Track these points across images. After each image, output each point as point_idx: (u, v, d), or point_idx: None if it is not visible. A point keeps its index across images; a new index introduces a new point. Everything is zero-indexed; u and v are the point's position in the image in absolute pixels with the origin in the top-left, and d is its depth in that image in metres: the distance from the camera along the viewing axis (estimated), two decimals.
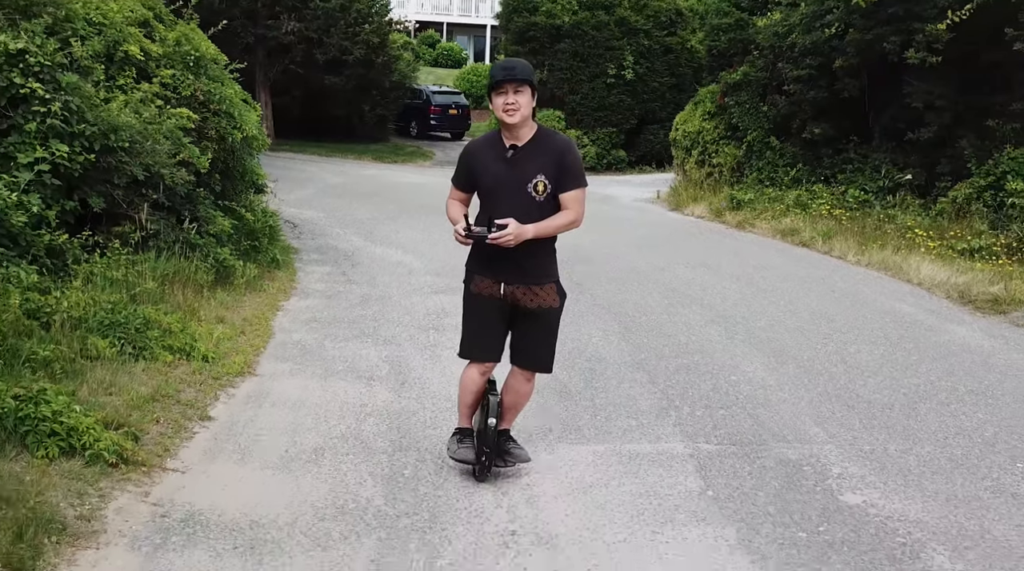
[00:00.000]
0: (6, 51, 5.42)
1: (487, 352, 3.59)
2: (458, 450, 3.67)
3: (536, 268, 3.48)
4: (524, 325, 3.55)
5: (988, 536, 3.29)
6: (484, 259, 3.50)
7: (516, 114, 3.35)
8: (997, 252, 8.39)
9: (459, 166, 3.65)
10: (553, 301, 3.52)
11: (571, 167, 3.42)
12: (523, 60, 3.59)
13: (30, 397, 3.64)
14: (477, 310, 3.58)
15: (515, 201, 3.38)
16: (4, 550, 2.75)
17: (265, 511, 3.32)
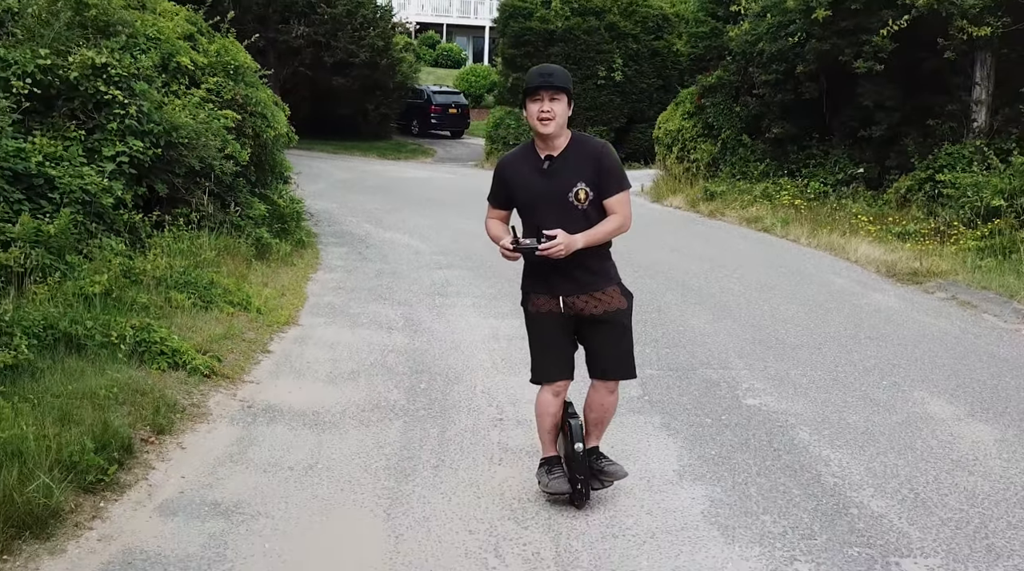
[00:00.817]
0: (92, 64, 6.68)
1: (558, 372, 3.43)
2: (550, 482, 3.44)
3: (593, 276, 3.33)
4: (594, 335, 3.39)
5: (842, 423, 4.55)
6: (538, 275, 3.35)
7: (551, 124, 3.21)
8: (927, 234, 9.66)
9: (494, 183, 3.49)
10: (620, 302, 3.37)
11: (611, 170, 3.28)
12: (560, 67, 3.40)
13: (142, 328, 4.91)
14: (540, 330, 3.42)
15: (557, 213, 3.23)
16: (151, 419, 4.02)
17: (321, 406, 4.59)
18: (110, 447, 3.57)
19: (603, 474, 3.46)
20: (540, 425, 3.53)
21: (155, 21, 8.23)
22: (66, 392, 3.94)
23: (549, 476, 3.45)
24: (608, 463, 3.49)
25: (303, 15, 21.15)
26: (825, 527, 3.38)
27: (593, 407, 3.51)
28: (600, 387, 3.47)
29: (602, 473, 3.46)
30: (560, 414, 3.48)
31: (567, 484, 3.42)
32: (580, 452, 3.36)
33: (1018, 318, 6.88)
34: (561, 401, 3.47)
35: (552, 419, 3.48)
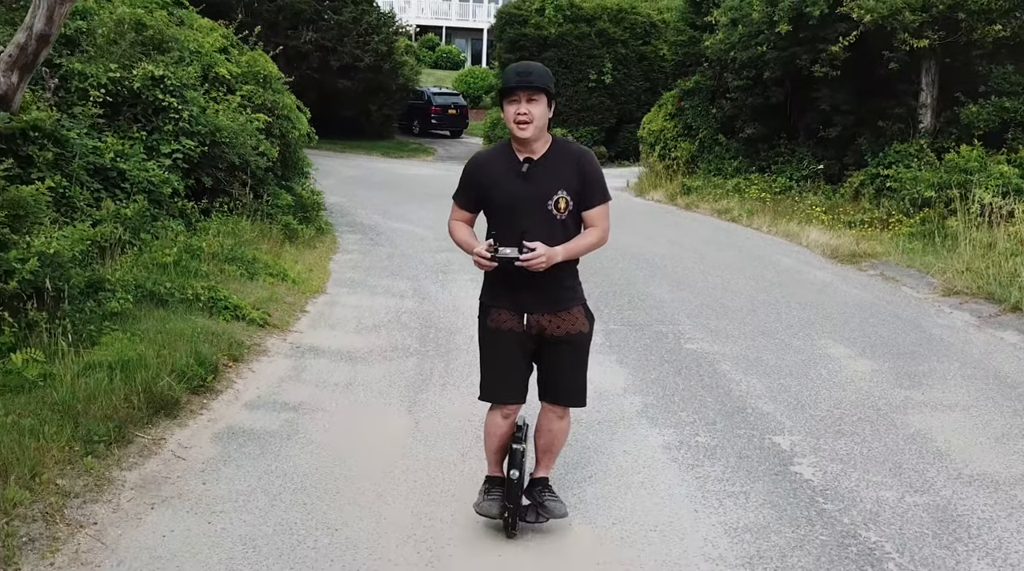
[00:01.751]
0: (152, 76, 7.98)
1: (510, 394, 3.21)
2: (482, 502, 3.27)
3: (562, 292, 3.13)
4: (552, 356, 3.19)
5: (758, 360, 5.85)
6: (502, 288, 3.13)
7: (529, 127, 3.00)
8: (871, 223, 10.96)
9: (464, 181, 3.24)
10: (583, 325, 3.17)
11: (595, 180, 3.10)
12: (540, 65, 3.16)
13: (209, 288, 6.21)
14: (496, 347, 3.18)
15: (533, 220, 3.02)
16: (227, 351, 5.31)
17: (353, 348, 5.88)
18: (204, 366, 4.87)
19: (542, 508, 3.27)
20: (487, 446, 3.32)
21: (196, 37, 9.55)
22: (164, 330, 5.23)
23: (485, 496, 3.28)
24: (551, 498, 3.29)
25: (311, 22, 22.42)
26: (724, 418, 4.68)
27: (543, 432, 3.31)
28: (550, 412, 3.27)
29: (542, 507, 3.27)
30: (509, 435, 3.25)
31: (498, 508, 3.23)
32: (515, 480, 3.17)
33: (929, 289, 8.19)
34: (511, 423, 3.24)
35: (500, 440, 3.26)
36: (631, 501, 3.64)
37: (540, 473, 3.37)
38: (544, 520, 3.29)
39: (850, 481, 3.92)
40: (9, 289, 4.59)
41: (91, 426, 3.84)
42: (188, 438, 4.14)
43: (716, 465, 4.06)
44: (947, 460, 4.20)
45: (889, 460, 4.18)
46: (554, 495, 3.33)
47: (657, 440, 4.36)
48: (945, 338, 6.54)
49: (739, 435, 4.45)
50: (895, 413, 4.84)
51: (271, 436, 4.25)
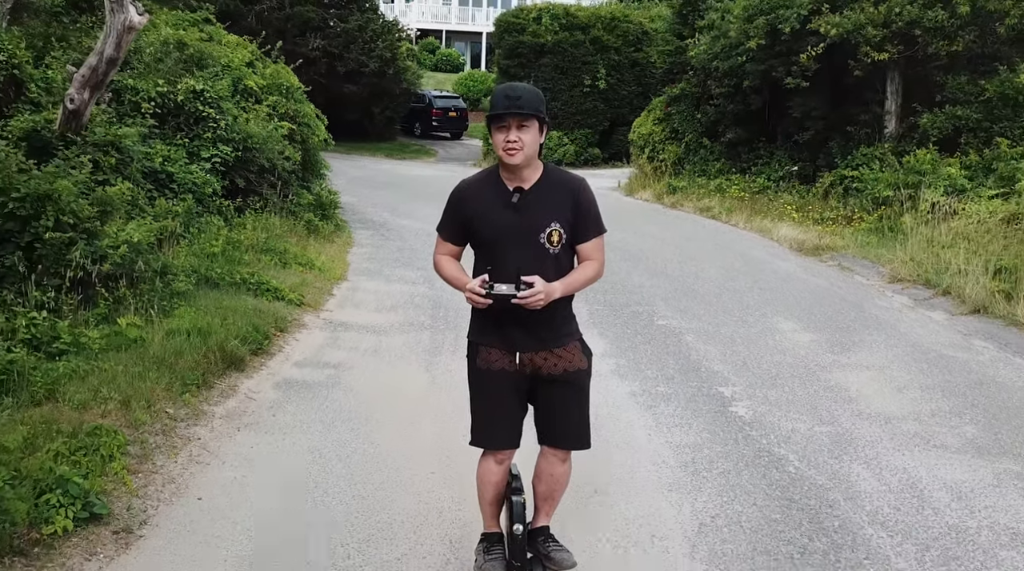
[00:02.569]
0: (193, 90, 9.08)
1: (504, 438, 3.01)
2: (485, 563, 3.05)
3: (556, 328, 2.95)
4: (550, 396, 2.99)
5: (717, 333, 6.95)
6: (492, 326, 2.94)
7: (519, 154, 2.83)
8: (836, 219, 12.06)
9: (449, 212, 3.03)
10: (580, 362, 2.99)
11: (589, 211, 2.95)
12: (530, 87, 2.99)
13: (253, 273, 7.31)
14: (487, 388, 3.00)
15: (525, 254, 2.86)
16: (273, 324, 6.41)
17: (375, 323, 6.98)
18: (259, 333, 5.97)
19: (549, 560, 3.03)
20: (481, 496, 3.10)
21: (226, 52, 10.65)
22: (221, 306, 6.33)
23: (486, 556, 3.07)
24: (555, 548, 3.06)
25: (318, 29, 23.51)
26: (681, 375, 5.79)
27: (543, 478, 3.08)
28: (551, 456, 3.06)
29: (548, 559, 3.04)
30: (504, 483, 3.06)
31: (502, 568, 3.02)
32: (519, 534, 2.95)
33: (877, 277, 9.29)
34: (506, 469, 3.05)
35: (495, 488, 3.06)
36: (600, 428, 4.73)
37: (541, 522, 3.12)
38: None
39: (773, 417, 5.03)
40: (105, 270, 5.69)
41: (183, 374, 4.94)
42: (255, 386, 5.24)
43: (669, 406, 5.17)
44: (854, 404, 5.31)
45: (807, 404, 5.28)
46: (559, 544, 3.07)
47: (624, 389, 5.46)
48: (880, 316, 7.66)
49: (691, 386, 5.55)
50: (821, 372, 5.96)
51: (319, 385, 5.35)
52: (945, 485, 4.14)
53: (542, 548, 3.06)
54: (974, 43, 12.41)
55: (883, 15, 12.36)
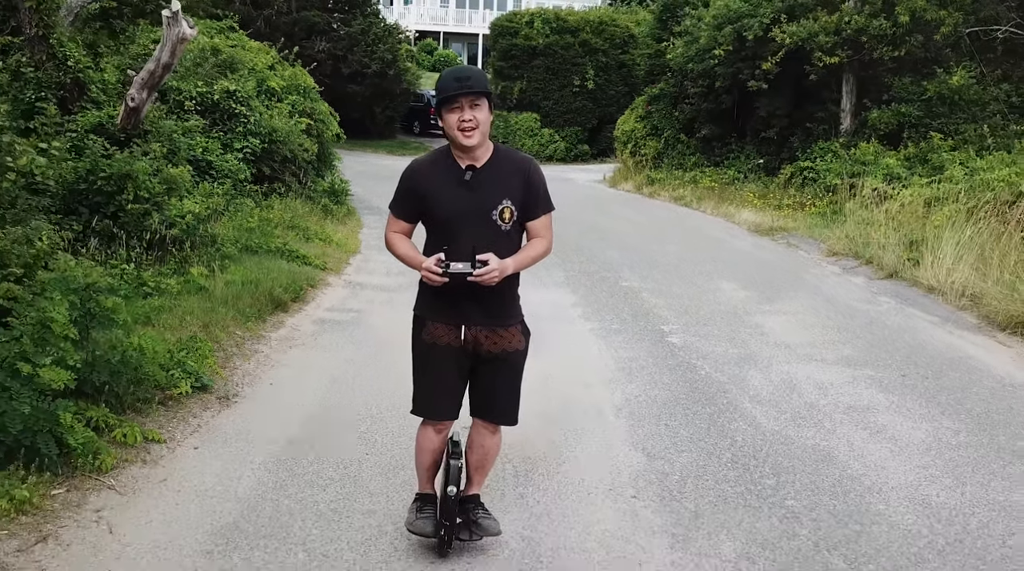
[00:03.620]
0: (227, 90, 10.53)
1: (444, 410, 3.17)
2: (416, 521, 3.22)
3: (503, 308, 3.10)
4: (486, 373, 3.14)
5: (669, 291, 8.42)
6: (441, 302, 3.08)
7: (475, 134, 2.92)
8: (792, 206, 13.55)
9: (402, 191, 3.14)
10: (519, 343, 3.14)
11: (539, 190, 3.07)
12: (477, 68, 3.13)
13: (285, 244, 8.77)
14: (431, 362, 3.13)
15: (479, 231, 2.96)
16: (306, 280, 7.88)
17: (386, 284, 8.44)
18: (296, 285, 7.43)
19: (476, 526, 3.23)
20: (418, 461, 3.27)
21: (251, 57, 12.11)
22: (263, 267, 7.78)
23: (417, 514, 3.24)
24: (484, 516, 3.26)
25: (324, 33, 24.95)
26: (633, 318, 7.27)
27: (474, 448, 3.27)
28: (482, 428, 3.24)
29: (475, 525, 3.23)
30: (442, 451, 3.23)
31: (432, 526, 3.20)
32: (452, 496, 3.13)
33: (818, 252, 10.77)
34: (444, 438, 3.22)
35: (432, 456, 3.24)
36: (564, 347, 6.20)
37: (472, 490, 3.31)
38: (479, 538, 3.25)
39: (700, 344, 6.50)
40: (173, 234, 7.15)
41: (243, 310, 6.40)
42: (297, 322, 6.72)
43: (619, 337, 6.64)
44: (764, 336, 6.78)
45: (727, 336, 6.76)
46: (487, 513, 3.28)
47: (585, 326, 6.94)
48: (809, 280, 9.14)
49: (639, 325, 7.03)
50: (746, 316, 7.44)
51: (346, 323, 6.82)
52: (813, 382, 5.62)
53: (472, 515, 3.24)
54: (917, 48, 13.89)
55: (834, 24, 13.86)
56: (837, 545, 3.48)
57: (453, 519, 3.17)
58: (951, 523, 3.69)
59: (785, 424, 4.85)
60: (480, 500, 3.32)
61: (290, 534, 3.41)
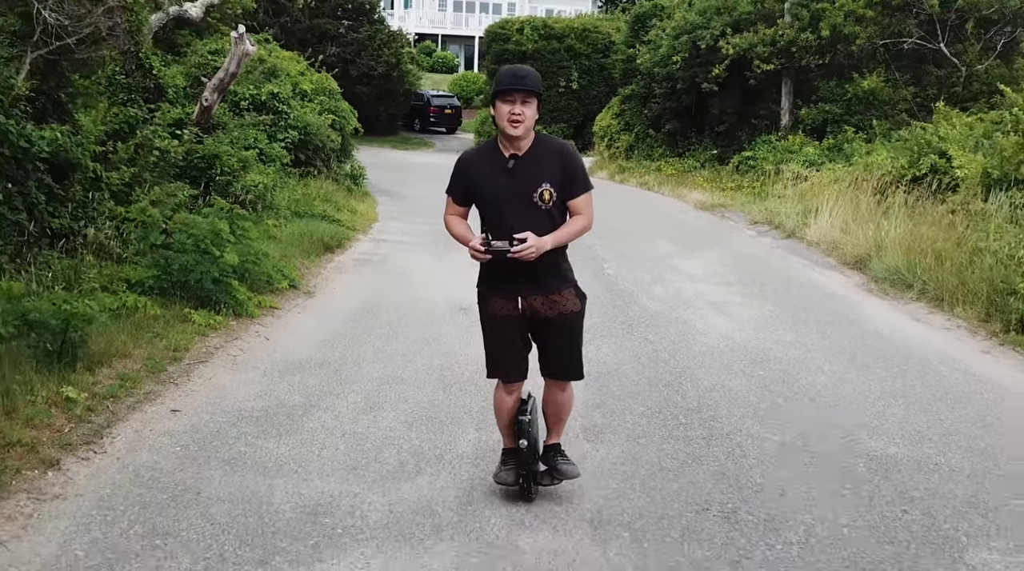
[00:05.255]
0: (271, 92, 13.21)
1: (512, 373, 3.50)
2: (499, 472, 3.59)
3: (552, 276, 3.41)
4: (548, 335, 3.45)
5: (616, 247, 11.11)
6: (497, 277, 3.39)
7: (520, 126, 3.25)
8: (733, 188, 16.24)
9: (456, 179, 3.49)
10: (574, 305, 3.45)
11: (577, 171, 3.39)
12: (532, 69, 3.42)
13: (322, 211, 11.47)
14: (497, 331, 3.47)
15: (521, 212, 3.28)
16: (341, 238, 10.57)
17: (403, 240, 11.14)
18: (339, 236, 10.12)
19: (556, 471, 3.57)
20: (498, 420, 3.63)
21: (285, 64, 14.80)
22: (311, 226, 10.46)
23: (502, 467, 3.60)
24: (564, 462, 3.58)
25: (334, 38, 27.61)
26: (584, 261, 9.87)
27: (549, 404, 3.62)
28: (552, 385, 3.56)
29: (555, 471, 3.57)
30: (515, 409, 3.54)
31: (513, 477, 3.53)
32: (523, 448, 3.47)
33: (743, 222, 13.47)
34: (516, 397, 3.53)
35: (508, 415, 3.55)
36: None
37: (552, 440, 3.63)
38: (559, 482, 3.58)
39: (626, 273, 9.19)
40: (250, 198, 9.83)
41: (305, 249, 9.09)
42: (341, 260, 9.41)
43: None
44: (675, 271, 9.48)
45: (650, 271, 9.45)
46: (567, 459, 3.59)
47: None
48: (727, 240, 11.85)
49: (587, 264, 9.69)
50: (668, 260, 10.14)
51: (376, 261, 9.51)
52: (695, 291, 8.33)
53: (552, 461, 3.57)
54: (840, 57, 16.61)
55: (770, 36, 16.57)
56: (673, 352, 6.16)
57: (529, 468, 3.54)
58: (745, 348, 6.37)
59: (664, 308, 7.57)
60: (560, 448, 3.64)
61: (358, 341, 6.10)
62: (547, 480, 3.62)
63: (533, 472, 3.58)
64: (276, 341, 6.02)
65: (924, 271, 8.16)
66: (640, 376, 5.58)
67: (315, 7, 27.40)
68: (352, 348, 5.97)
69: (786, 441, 4.45)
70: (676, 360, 5.95)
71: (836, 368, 5.85)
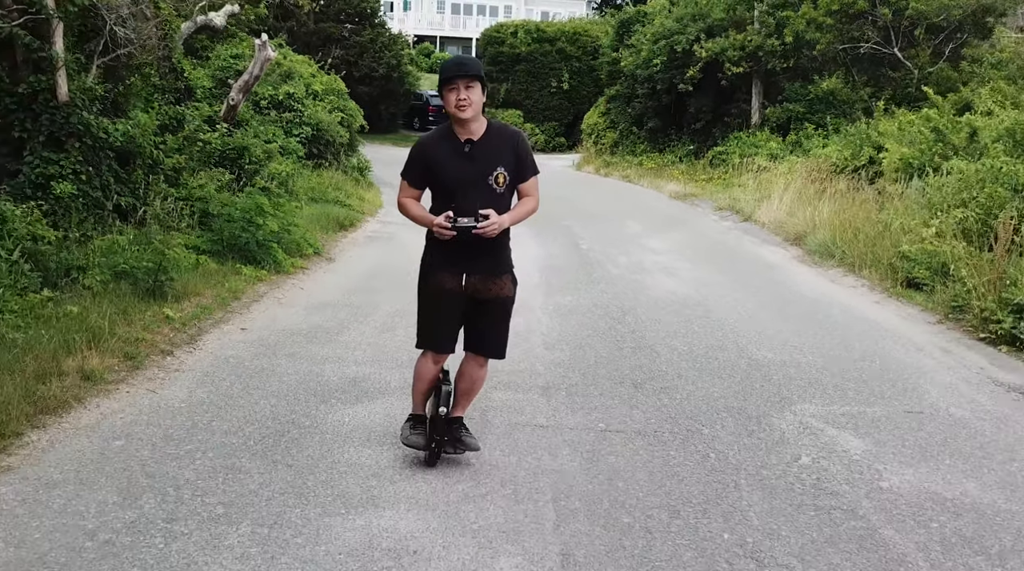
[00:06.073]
0: (287, 92, 14.78)
1: (444, 344, 3.71)
2: (409, 436, 3.81)
3: (497, 259, 3.69)
4: (480, 314, 3.69)
5: (595, 228, 12.69)
6: (448, 254, 3.64)
7: (468, 109, 3.46)
8: (706, 179, 17.83)
9: (413, 162, 3.70)
10: (509, 291, 3.71)
11: (527, 158, 3.66)
12: (472, 56, 3.72)
13: (335, 197, 13.05)
14: (435, 304, 3.68)
15: (477, 194, 3.51)
16: (352, 219, 12.16)
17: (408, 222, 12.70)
18: (350, 217, 11.70)
19: (460, 443, 3.85)
20: (416, 387, 3.85)
21: (298, 67, 16.38)
22: (326, 209, 12.03)
23: (411, 431, 3.83)
24: (467, 435, 3.88)
25: (338, 42, 29.15)
26: (563, 237, 11.55)
27: (464, 378, 3.82)
28: (472, 361, 3.79)
29: (459, 442, 3.85)
30: (436, 378, 3.78)
31: (424, 441, 3.80)
32: (443, 416, 3.72)
33: (710, 209, 15.05)
34: (439, 368, 3.78)
35: (428, 384, 3.79)
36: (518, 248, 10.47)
37: (458, 413, 3.89)
38: (461, 452, 3.89)
39: (597, 247, 10.75)
40: (273, 184, 11.40)
41: (323, 226, 10.66)
42: (354, 236, 10.99)
43: (551, 246, 10.90)
44: (641, 246, 11.05)
45: (618, 245, 11.03)
46: (469, 432, 3.90)
47: (534, 242, 11.19)
48: (692, 223, 13.44)
49: (565, 241, 11.30)
50: (636, 238, 11.71)
51: (383, 238, 11.09)
52: (653, 261, 9.91)
53: (456, 433, 3.84)
54: (804, 60, 18.19)
55: (740, 42, 18.15)
56: (623, 299, 7.72)
57: (443, 435, 3.78)
58: (682, 297, 7.93)
59: (624, 272, 9.15)
60: (463, 422, 3.91)
61: (374, 292, 7.67)
62: (451, 449, 3.86)
63: (444, 439, 3.81)
64: (309, 290, 7.60)
65: (844, 243, 9.75)
66: (593, 313, 7.16)
67: (320, 12, 28.94)
68: (369, 295, 7.55)
69: (693, 351, 6.03)
70: (624, 304, 7.53)
71: (751, 310, 7.44)
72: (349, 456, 3.96)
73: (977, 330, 6.55)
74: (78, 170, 7.73)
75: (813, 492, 3.77)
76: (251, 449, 3.95)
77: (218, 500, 3.40)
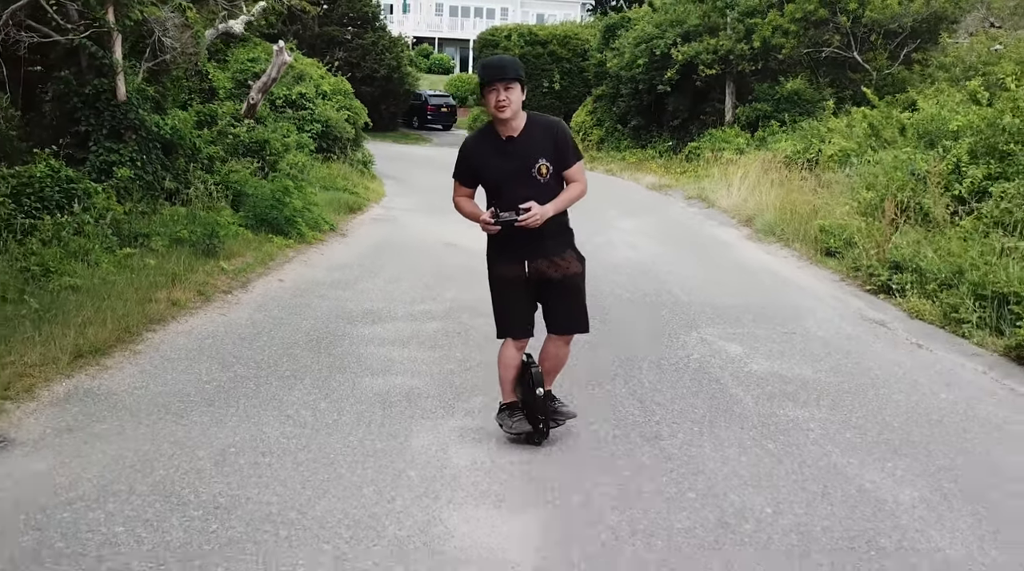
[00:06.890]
0: (300, 92, 16.40)
1: (522, 330, 3.87)
2: (514, 424, 3.91)
3: (555, 241, 3.85)
4: (553, 295, 3.85)
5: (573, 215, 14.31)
6: (505, 245, 3.79)
7: (507, 110, 3.62)
8: (681, 171, 19.45)
9: (461, 164, 3.88)
10: (576, 268, 3.89)
11: (568, 144, 3.78)
12: (510, 58, 3.81)
13: (344, 186, 14.68)
14: (506, 293, 3.86)
15: (523, 187, 3.69)
16: (360, 205, 13.79)
17: (409, 207, 14.35)
18: (358, 202, 13.33)
19: (558, 414, 4.03)
20: (503, 376, 3.96)
21: (309, 69, 18.03)
22: (337, 196, 13.65)
23: (512, 419, 3.93)
24: (561, 404, 4.07)
25: (341, 44, 30.79)
26: None
27: (549, 357, 3.98)
28: (556, 340, 3.93)
29: (557, 413, 4.02)
30: (519, 366, 3.92)
31: (528, 425, 3.92)
32: (541, 396, 3.82)
33: (680, 198, 16.68)
34: (522, 354, 3.92)
35: (514, 371, 3.92)
36: None
37: (547, 387, 4.03)
38: (562, 423, 4.07)
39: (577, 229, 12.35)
40: (292, 173, 13.03)
41: (335, 208, 12.29)
42: (362, 218, 12.62)
43: None
44: (613, 228, 12.67)
45: (595, 227, 12.58)
46: (562, 402, 4.12)
47: None
48: (662, 210, 15.07)
49: None
50: (611, 221, 13.33)
51: (388, 220, 12.72)
52: (621, 239, 11.53)
53: (551, 406, 4.05)
54: (771, 63, 19.83)
55: (713, 46, 19.79)
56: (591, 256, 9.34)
57: (547, 413, 3.91)
58: (636, 263, 9.55)
59: (594, 248, 10.74)
60: (553, 394, 4.06)
61: (382, 257, 9.30)
62: (553, 423, 4.03)
63: (549, 416, 3.94)
64: (329, 255, 9.24)
65: (784, 222, 11.39)
66: None
67: (324, 16, 30.57)
68: (379, 259, 9.19)
69: (632, 297, 7.67)
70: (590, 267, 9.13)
71: (690, 271, 9.07)
72: (370, 350, 5.60)
73: (864, 284, 8.20)
74: (134, 158, 9.37)
75: (693, 371, 5.41)
76: (301, 345, 5.61)
77: (286, 368, 5.05)
